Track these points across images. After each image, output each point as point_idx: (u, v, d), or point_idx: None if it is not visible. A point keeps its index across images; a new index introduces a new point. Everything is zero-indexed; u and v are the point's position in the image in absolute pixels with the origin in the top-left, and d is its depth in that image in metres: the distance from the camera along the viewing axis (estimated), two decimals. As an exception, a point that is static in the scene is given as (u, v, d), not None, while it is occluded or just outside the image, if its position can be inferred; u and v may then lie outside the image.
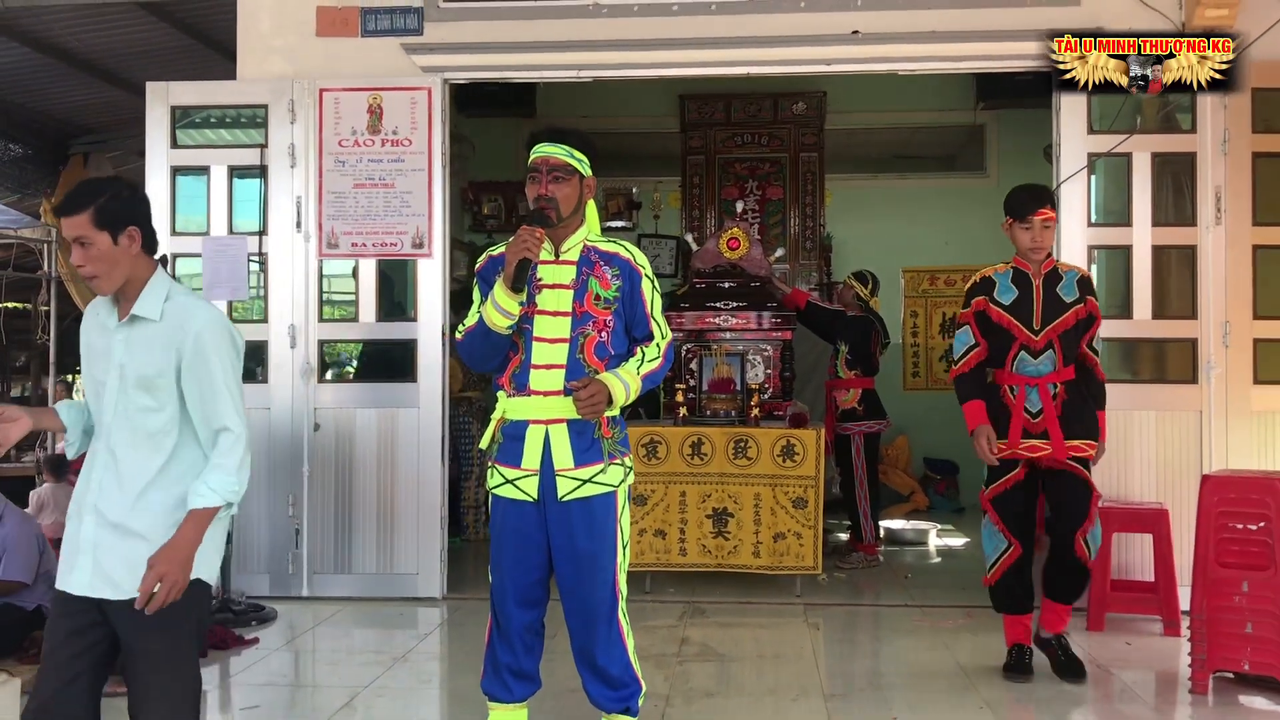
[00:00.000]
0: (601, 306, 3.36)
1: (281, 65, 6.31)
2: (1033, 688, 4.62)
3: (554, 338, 3.33)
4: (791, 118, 9.81)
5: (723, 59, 6.23)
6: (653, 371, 3.40)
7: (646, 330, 3.44)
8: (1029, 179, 8.94)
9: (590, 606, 3.38)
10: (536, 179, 3.38)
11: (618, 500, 3.40)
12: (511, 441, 3.38)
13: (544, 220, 3.31)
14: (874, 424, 7.41)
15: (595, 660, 3.40)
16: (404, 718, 4.33)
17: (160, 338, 2.79)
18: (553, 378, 3.31)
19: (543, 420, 3.33)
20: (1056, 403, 4.51)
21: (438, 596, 6.12)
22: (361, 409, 6.19)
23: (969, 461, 9.88)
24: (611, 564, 3.38)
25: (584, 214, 3.47)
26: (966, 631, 5.53)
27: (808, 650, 5.25)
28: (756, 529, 6.15)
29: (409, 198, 6.16)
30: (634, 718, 3.48)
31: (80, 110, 9.40)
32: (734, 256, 7.10)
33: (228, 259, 6.16)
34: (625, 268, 3.41)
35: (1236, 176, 5.84)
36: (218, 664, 4.91)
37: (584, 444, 3.34)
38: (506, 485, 3.39)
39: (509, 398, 3.39)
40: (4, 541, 5.06)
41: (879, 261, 9.66)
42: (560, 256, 3.41)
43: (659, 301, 3.47)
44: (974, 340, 4.79)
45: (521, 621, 3.42)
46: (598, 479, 3.36)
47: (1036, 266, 4.61)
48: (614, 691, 3.43)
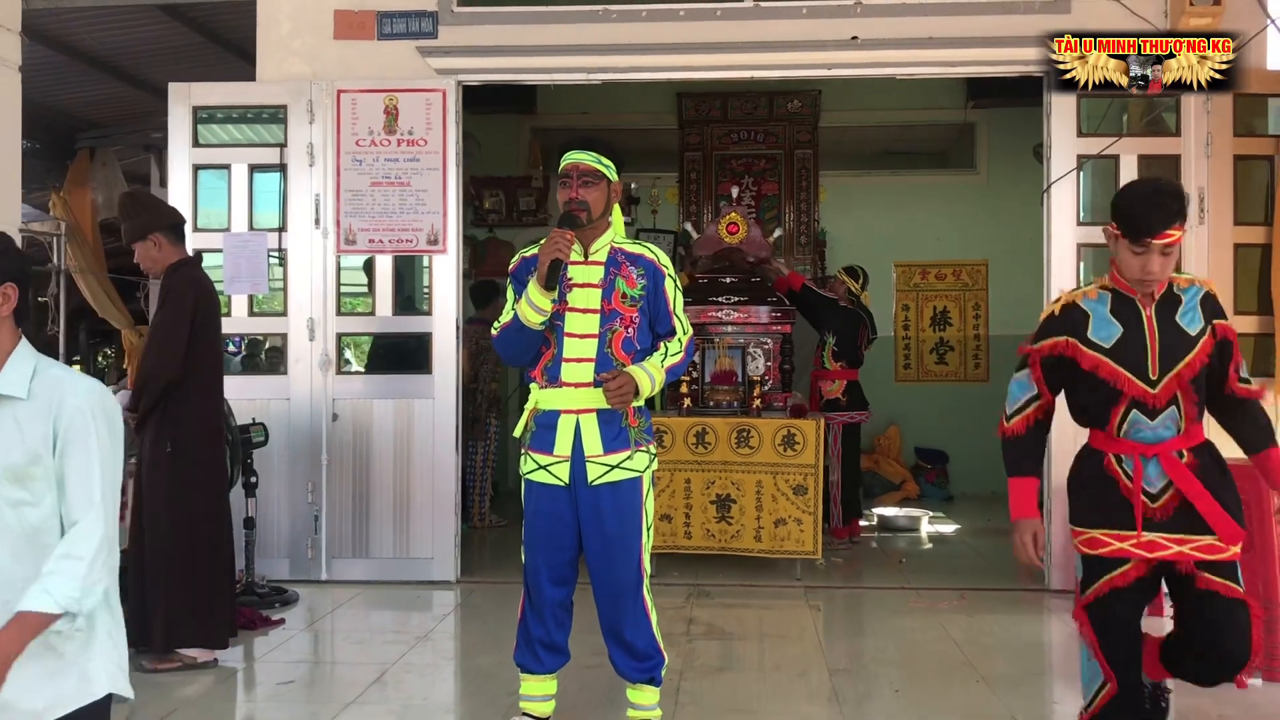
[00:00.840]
0: (628, 304, 3.60)
1: (300, 67, 6.52)
2: (1025, 663, 4.89)
3: (584, 333, 3.57)
4: (787, 115, 10.07)
5: (727, 63, 6.47)
6: (675, 365, 3.65)
7: (669, 326, 3.68)
8: (1018, 176, 9.40)
9: (618, 584, 3.61)
10: (567, 184, 3.63)
11: (643, 485, 3.64)
12: (544, 430, 3.61)
13: (574, 223, 3.55)
14: (855, 414, 7.70)
15: (622, 634, 3.64)
16: (433, 692, 4.58)
17: (30, 418, 2.34)
18: (583, 370, 3.55)
19: (574, 410, 3.57)
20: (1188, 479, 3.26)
21: (452, 580, 6.35)
22: (378, 400, 6.42)
23: (958, 451, 10.21)
24: (637, 544, 3.62)
25: (611, 217, 3.71)
26: (961, 613, 5.79)
27: (810, 630, 5.51)
28: (758, 514, 6.40)
29: (424, 196, 6.37)
30: (658, 687, 3.73)
31: (88, 105, 9.54)
32: (734, 240, 7.31)
33: (248, 254, 6.37)
34: (650, 268, 3.65)
35: (1219, 177, 6.10)
36: (244, 644, 5.13)
37: (612, 432, 3.58)
38: (539, 471, 3.63)
39: (541, 389, 3.63)
40: None
41: (871, 256, 9.94)
42: (589, 257, 3.65)
43: (680, 299, 3.72)
44: (1035, 390, 3.48)
45: (553, 598, 3.66)
46: (625, 465, 3.59)
47: (1146, 291, 3.27)
48: (639, 663, 3.66)
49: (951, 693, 4.44)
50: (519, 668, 3.78)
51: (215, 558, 4.84)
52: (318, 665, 5.02)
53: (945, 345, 10.62)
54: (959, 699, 4.34)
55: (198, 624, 4.75)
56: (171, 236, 4.89)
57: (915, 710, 4.18)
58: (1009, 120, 9.88)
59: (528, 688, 3.77)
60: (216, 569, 4.85)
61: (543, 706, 3.78)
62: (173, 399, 4.73)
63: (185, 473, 4.74)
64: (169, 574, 4.69)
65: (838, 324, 7.64)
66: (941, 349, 10.62)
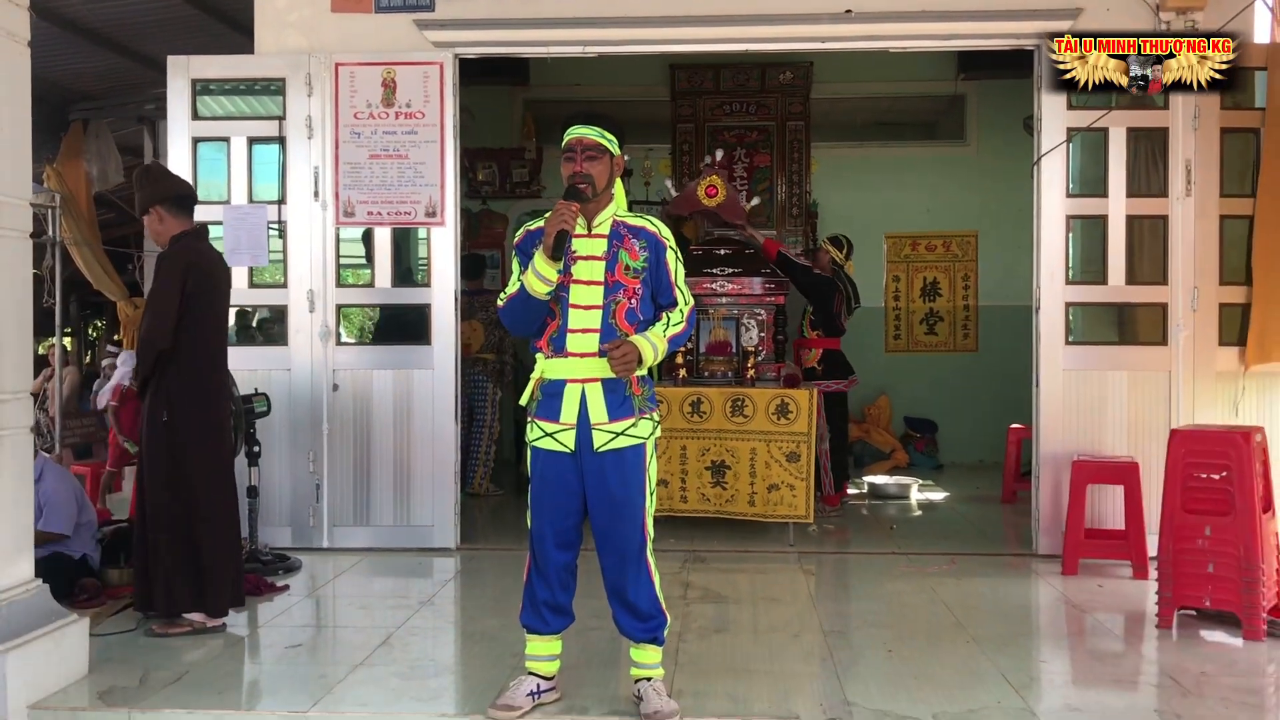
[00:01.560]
0: (631, 276, 3.69)
1: (298, 40, 6.56)
2: (1013, 624, 5.03)
3: (588, 304, 3.66)
4: (779, 87, 10.15)
5: (722, 36, 6.54)
6: (677, 334, 3.74)
7: (671, 297, 3.77)
8: (1008, 148, 9.50)
9: (622, 547, 3.72)
10: (572, 158, 3.69)
11: (646, 451, 3.73)
12: (550, 399, 3.71)
13: (579, 195, 3.63)
14: (833, 383, 7.70)
15: (626, 595, 3.75)
16: (439, 654, 4.70)
17: None
18: (588, 341, 3.65)
19: (579, 379, 3.67)
20: None
21: (452, 547, 6.47)
22: (378, 370, 6.50)
23: (948, 420, 10.35)
24: (641, 508, 3.72)
25: (614, 191, 3.78)
26: (950, 577, 5.92)
27: (803, 593, 5.64)
28: (752, 480, 6.53)
29: (422, 168, 6.44)
30: (660, 646, 3.84)
31: (81, 77, 9.54)
32: (712, 203, 7.36)
33: (248, 226, 6.43)
34: (652, 240, 3.73)
35: (1206, 150, 6.20)
36: (249, 610, 5.24)
37: (617, 400, 3.68)
38: (546, 438, 3.73)
39: (547, 359, 3.72)
40: (44, 496, 5.35)
41: (862, 227, 10.05)
42: (593, 230, 3.72)
43: (682, 271, 3.80)
44: None
45: (559, 561, 3.77)
46: (630, 432, 3.69)
47: None
48: (643, 623, 3.77)
49: (942, 653, 4.56)
50: (525, 628, 3.89)
51: (216, 525, 4.90)
52: (323, 629, 5.13)
53: (935, 316, 10.74)
54: (949, 659, 4.47)
55: (199, 591, 4.84)
56: (175, 209, 4.93)
57: (907, 669, 4.31)
58: (999, 92, 9.97)
59: (533, 648, 3.88)
60: (218, 537, 4.91)
61: (548, 666, 3.89)
62: (168, 369, 4.79)
63: (183, 441, 4.81)
64: (170, 541, 4.79)
65: (814, 293, 7.68)
66: (931, 320, 10.74)
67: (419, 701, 3.97)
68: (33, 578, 4.19)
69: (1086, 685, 4.21)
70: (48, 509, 5.36)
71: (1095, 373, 6.26)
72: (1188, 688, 4.07)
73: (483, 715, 3.78)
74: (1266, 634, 4.67)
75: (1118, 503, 6.07)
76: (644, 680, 3.80)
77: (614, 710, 3.84)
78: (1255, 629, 4.66)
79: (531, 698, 3.82)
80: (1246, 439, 4.80)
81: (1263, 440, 4.99)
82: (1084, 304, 6.46)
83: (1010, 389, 8.43)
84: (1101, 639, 4.88)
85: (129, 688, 4.11)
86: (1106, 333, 6.67)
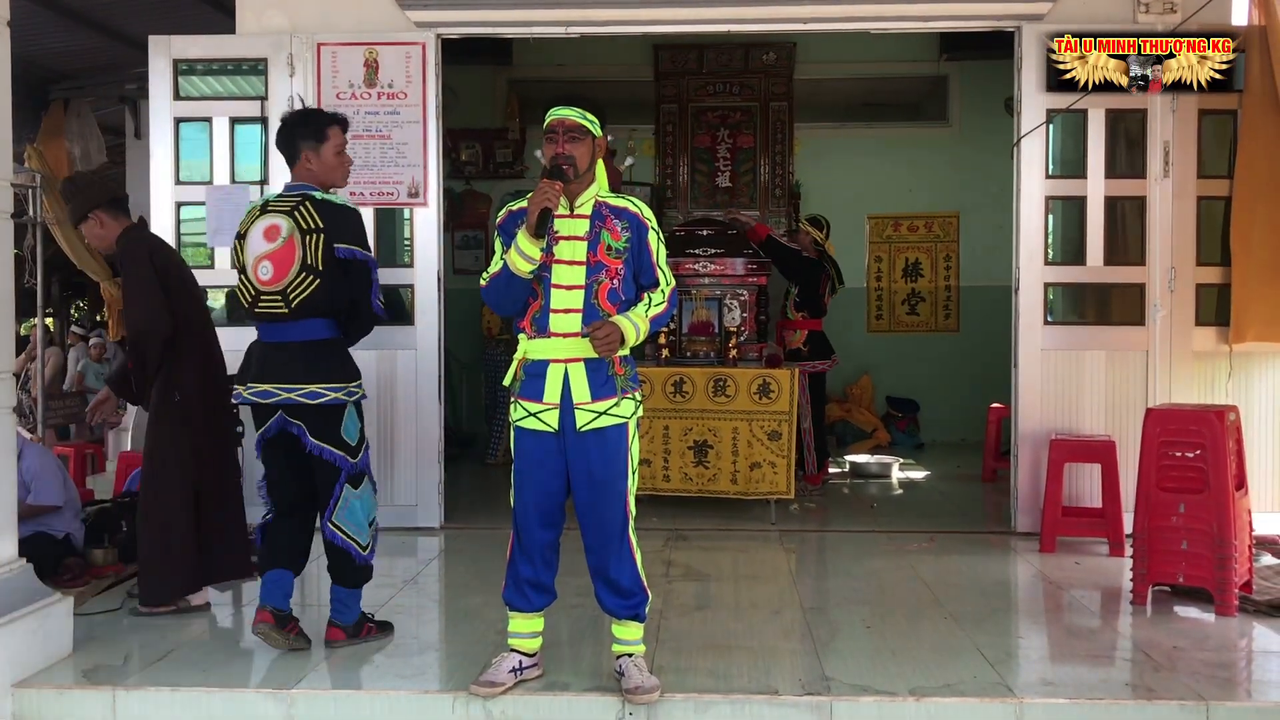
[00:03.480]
0: (613, 256, 3.73)
1: (279, 19, 6.54)
2: (991, 601, 5.10)
3: (570, 284, 3.70)
4: (762, 67, 10.17)
5: (704, 16, 6.54)
6: (659, 315, 3.79)
7: (653, 277, 3.81)
8: (990, 129, 9.54)
9: (605, 525, 3.76)
10: (554, 139, 3.73)
11: (629, 430, 3.78)
12: (533, 379, 3.75)
13: (561, 175, 3.66)
14: (818, 364, 7.83)
15: (608, 573, 3.80)
16: (422, 631, 4.73)
17: None
18: (570, 321, 3.69)
19: (562, 359, 3.71)
20: None
21: (436, 526, 6.50)
22: (361, 350, 6.42)
23: (929, 400, 10.42)
24: (623, 487, 3.77)
25: (595, 172, 3.81)
26: (930, 554, 5.99)
27: (784, 571, 5.70)
28: (734, 459, 6.59)
29: (405, 149, 6.44)
30: (642, 623, 3.89)
31: (60, 56, 9.49)
32: None
33: (230, 207, 6.41)
34: (633, 221, 3.77)
35: (1184, 132, 6.25)
36: (234, 589, 5.26)
37: (600, 380, 3.72)
38: (529, 418, 3.76)
39: (530, 339, 3.75)
40: (28, 473, 5.37)
41: (845, 208, 10.10)
42: (575, 211, 3.75)
43: (664, 251, 3.84)
44: None
45: (542, 540, 3.81)
46: (612, 411, 3.73)
47: None
48: (625, 600, 3.82)
49: (920, 629, 4.62)
50: (507, 606, 3.92)
51: (228, 500, 4.99)
52: (307, 608, 5.14)
53: (917, 296, 10.80)
54: (927, 634, 4.53)
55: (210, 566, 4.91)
56: (112, 211, 4.88)
57: (885, 645, 4.36)
58: (981, 73, 10.00)
59: (516, 625, 3.92)
60: (231, 510, 5.00)
61: (530, 643, 3.92)
62: (168, 353, 4.75)
63: (195, 419, 4.83)
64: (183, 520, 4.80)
65: (800, 274, 7.73)
66: (913, 300, 10.80)
67: (402, 679, 4.01)
68: (16, 557, 4.20)
69: (1062, 660, 4.28)
70: (35, 483, 5.38)
71: (1073, 352, 6.32)
72: (1160, 662, 4.14)
73: (465, 692, 3.83)
74: (1238, 610, 4.74)
75: (1095, 481, 6.14)
76: (625, 656, 3.86)
77: (596, 686, 3.89)
78: (1227, 605, 4.73)
79: (514, 674, 3.86)
80: (1220, 418, 4.87)
81: (1236, 419, 5.05)
82: (1063, 284, 6.52)
83: (991, 369, 8.49)
84: (1077, 615, 4.95)
85: (113, 666, 4.14)
86: (1085, 313, 6.73)
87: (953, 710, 3.76)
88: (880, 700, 3.78)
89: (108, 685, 3.94)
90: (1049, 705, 3.75)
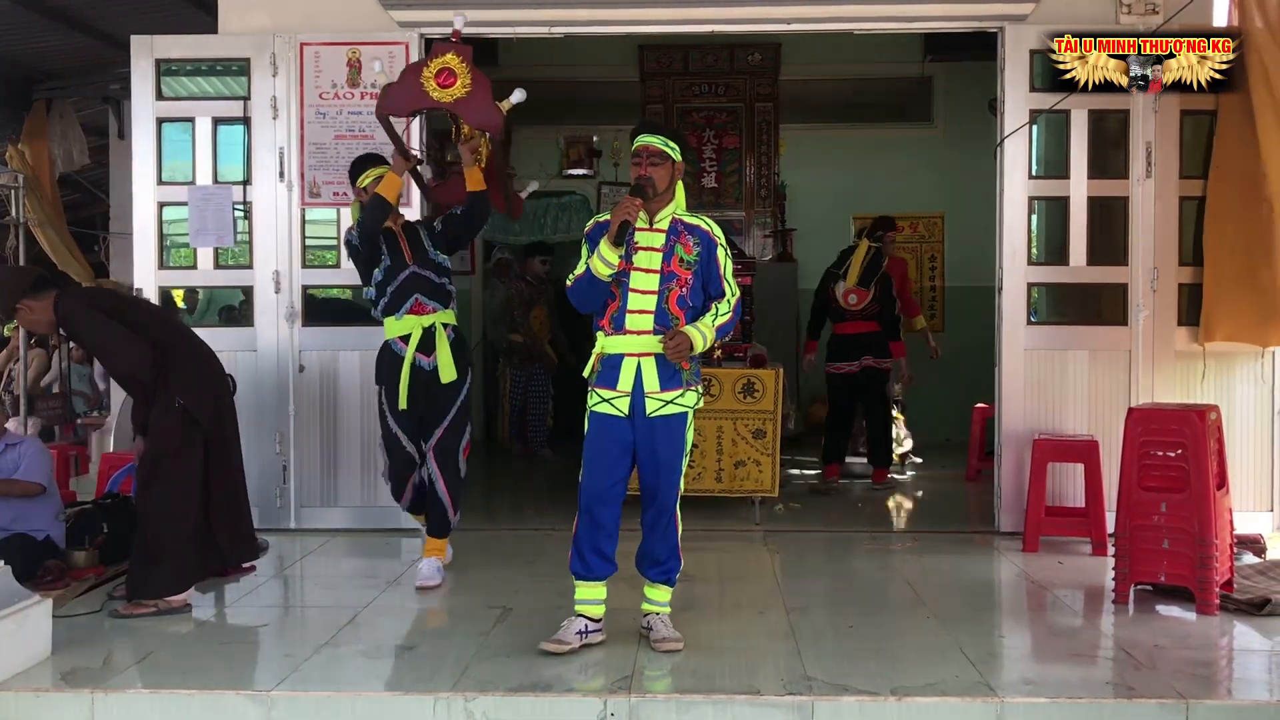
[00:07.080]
0: (684, 267, 4.23)
1: (262, 19, 6.52)
2: (974, 600, 5.11)
3: (645, 289, 4.21)
4: (748, 68, 10.17)
5: (688, 17, 6.55)
6: (725, 323, 4.28)
7: (720, 288, 4.28)
8: (975, 130, 9.55)
9: (662, 500, 4.29)
10: (639, 162, 4.25)
11: (689, 419, 4.31)
12: (609, 370, 4.26)
13: (642, 193, 4.18)
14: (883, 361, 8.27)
15: (654, 542, 4.33)
16: (406, 633, 4.70)
17: None
18: (644, 320, 4.21)
19: (635, 354, 4.21)
20: None
21: (419, 528, 6.46)
22: (345, 351, 6.50)
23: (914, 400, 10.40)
24: (680, 467, 4.31)
25: (674, 192, 4.29)
26: (913, 554, 6.00)
27: (768, 571, 5.70)
28: (719, 458, 6.61)
29: (388, 149, 6.39)
30: (671, 588, 4.40)
31: (43, 56, 9.44)
32: (445, 97, 5.23)
33: (213, 207, 6.41)
34: (705, 237, 4.27)
35: (1165, 133, 6.27)
36: (215, 590, 5.25)
37: (668, 373, 4.23)
38: (603, 403, 4.26)
39: (608, 336, 4.26)
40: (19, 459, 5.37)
41: (830, 208, 10.11)
42: (654, 225, 4.26)
43: (730, 265, 4.31)
44: None
45: (606, 514, 4.26)
46: (678, 401, 4.25)
47: None
48: (660, 566, 4.35)
49: (903, 628, 4.64)
50: (573, 575, 4.33)
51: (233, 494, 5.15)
52: (290, 610, 5.15)
53: (902, 296, 10.77)
54: (910, 634, 4.54)
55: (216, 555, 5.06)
56: (35, 294, 4.90)
57: (869, 645, 4.37)
58: (965, 74, 9.99)
59: (582, 593, 4.33)
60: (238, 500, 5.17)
61: (595, 609, 4.33)
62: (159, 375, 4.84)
63: (201, 416, 4.92)
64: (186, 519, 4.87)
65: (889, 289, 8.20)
66: (899, 300, 10.77)
67: (384, 681, 4.01)
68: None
69: (1043, 659, 4.29)
70: (25, 462, 5.36)
71: (1057, 352, 6.33)
72: (1141, 661, 4.15)
73: (446, 693, 3.82)
74: (1219, 608, 4.76)
75: (1078, 481, 6.15)
76: (654, 614, 4.35)
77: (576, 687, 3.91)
78: (1208, 604, 4.75)
79: (580, 635, 4.26)
80: (1201, 417, 4.88)
81: (1217, 419, 5.07)
82: (1046, 284, 6.54)
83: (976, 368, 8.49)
84: (1059, 614, 4.96)
85: (92, 669, 4.12)
86: (1068, 313, 6.74)
87: (934, 710, 3.77)
88: (862, 700, 3.78)
89: (86, 688, 3.92)
90: (1030, 705, 3.76)
